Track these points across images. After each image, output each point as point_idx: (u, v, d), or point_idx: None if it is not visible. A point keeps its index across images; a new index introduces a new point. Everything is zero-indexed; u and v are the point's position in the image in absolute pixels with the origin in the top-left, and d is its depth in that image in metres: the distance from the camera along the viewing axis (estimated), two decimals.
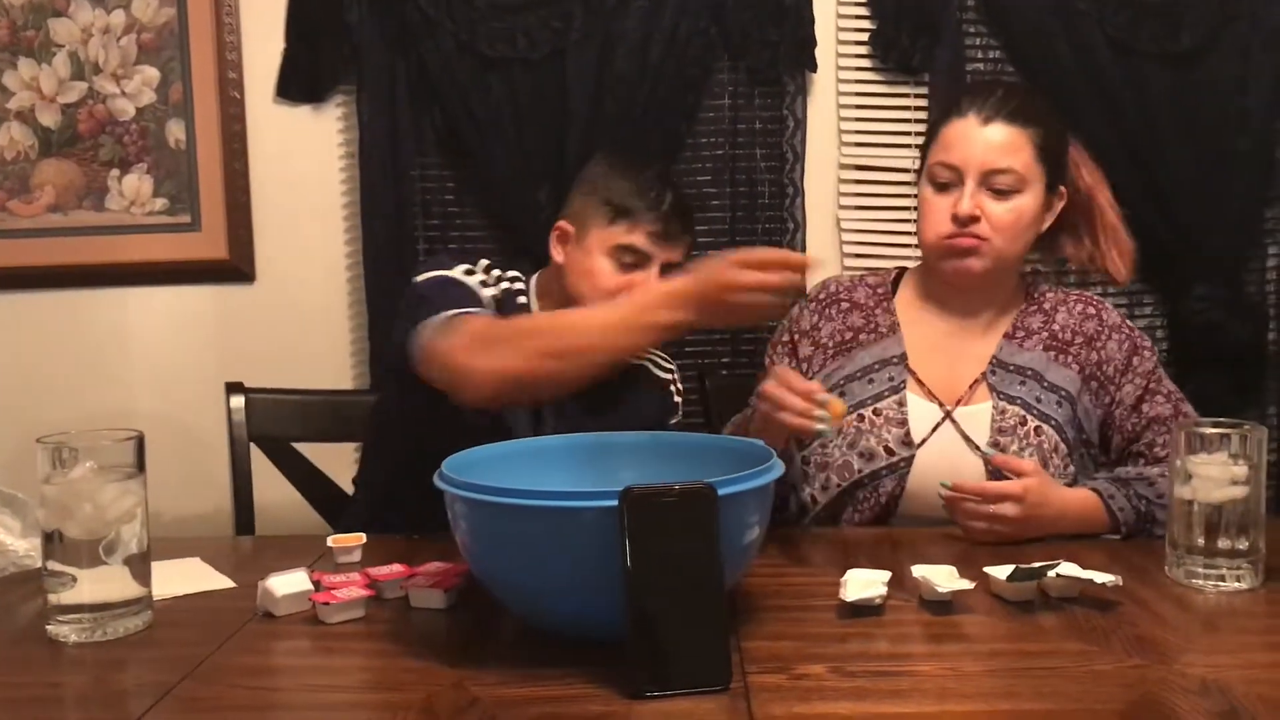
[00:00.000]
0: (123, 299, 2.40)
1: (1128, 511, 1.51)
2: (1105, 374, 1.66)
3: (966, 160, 1.60)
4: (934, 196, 1.63)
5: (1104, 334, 1.68)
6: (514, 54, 2.32)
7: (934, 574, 1.24)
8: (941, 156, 1.62)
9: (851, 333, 1.72)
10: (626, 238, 1.71)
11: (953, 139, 1.62)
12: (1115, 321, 1.70)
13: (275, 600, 1.23)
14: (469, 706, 0.99)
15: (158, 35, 2.34)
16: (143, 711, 1.00)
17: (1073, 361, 1.65)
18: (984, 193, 1.60)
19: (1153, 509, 1.51)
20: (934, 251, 1.65)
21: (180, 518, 1.72)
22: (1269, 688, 1.00)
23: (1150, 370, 1.67)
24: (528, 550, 1.08)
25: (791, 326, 1.78)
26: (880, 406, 1.63)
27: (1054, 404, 1.62)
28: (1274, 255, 2.54)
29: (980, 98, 1.63)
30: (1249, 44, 2.41)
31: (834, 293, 1.78)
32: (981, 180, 1.59)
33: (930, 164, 1.65)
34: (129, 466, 1.20)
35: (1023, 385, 1.63)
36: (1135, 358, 1.66)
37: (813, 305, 1.77)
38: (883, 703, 0.99)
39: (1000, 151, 1.59)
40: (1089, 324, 1.68)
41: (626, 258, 1.71)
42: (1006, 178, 1.59)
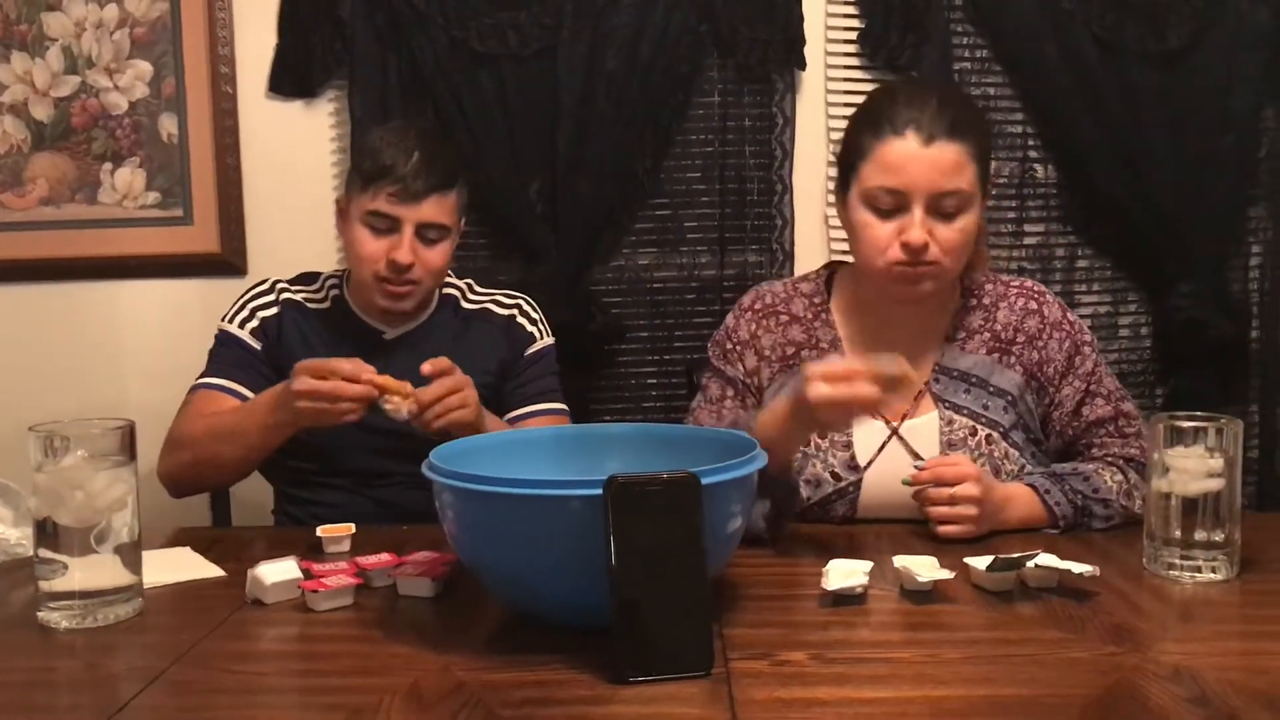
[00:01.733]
0: (115, 292, 2.41)
1: (1064, 505, 1.49)
2: (1046, 374, 1.61)
3: (913, 185, 1.49)
4: (876, 221, 1.52)
5: (1045, 331, 1.62)
6: (505, 50, 2.34)
7: (915, 564, 1.25)
8: (882, 180, 1.51)
9: (793, 348, 1.64)
10: (372, 204, 1.75)
11: (894, 161, 1.50)
12: (1056, 317, 1.63)
13: (265, 588, 1.24)
14: (455, 691, 1.01)
15: (150, 29, 2.35)
16: (133, 695, 1.01)
17: (1016, 363, 1.60)
18: (930, 216, 1.50)
19: (1089, 503, 1.50)
20: (881, 277, 1.55)
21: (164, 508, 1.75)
22: (1240, 674, 1.02)
23: (1090, 370, 1.61)
24: (514, 538, 1.09)
25: (728, 336, 1.68)
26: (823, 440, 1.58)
27: (1000, 409, 1.58)
28: (1257, 253, 2.57)
29: (916, 111, 1.50)
30: (1233, 44, 2.44)
31: (770, 304, 1.68)
32: (929, 205, 1.50)
33: (869, 187, 1.52)
34: (120, 455, 1.21)
35: (968, 393, 1.59)
36: (1077, 357, 1.61)
37: (748, 315, 1.67)
38: (862, 688, 1.01)
39: (948, 174, 1.49)
40: (1030, 320, 1.62)
41: (379, 224, 1.76)
42: (954, 200, 1.50)
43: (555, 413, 1.88)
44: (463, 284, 1.95)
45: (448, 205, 1.78)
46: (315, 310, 1.87)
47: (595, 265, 2.44)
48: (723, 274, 2.48)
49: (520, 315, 1.92)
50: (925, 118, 1.50)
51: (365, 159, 1.78)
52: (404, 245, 1.74)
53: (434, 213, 1.76)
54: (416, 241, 1.76)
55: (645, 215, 2.47)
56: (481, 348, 1.87)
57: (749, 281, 2.47)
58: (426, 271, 1.78)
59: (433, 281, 1.83)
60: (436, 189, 1.75)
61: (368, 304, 1.85)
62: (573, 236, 2.37)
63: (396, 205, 1.74)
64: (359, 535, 1.45)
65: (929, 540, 1.45)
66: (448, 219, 1.79)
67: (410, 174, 1.73)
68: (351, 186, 1.80)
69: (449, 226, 1.79)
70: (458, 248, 2.35)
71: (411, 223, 1.75)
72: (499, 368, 1.87)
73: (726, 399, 1.65)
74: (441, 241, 1.79)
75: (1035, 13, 2.40)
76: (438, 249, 1.79)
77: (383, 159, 1.75)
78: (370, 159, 1.77)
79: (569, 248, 2.37)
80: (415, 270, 1.77)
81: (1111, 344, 2.56)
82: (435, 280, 1.84)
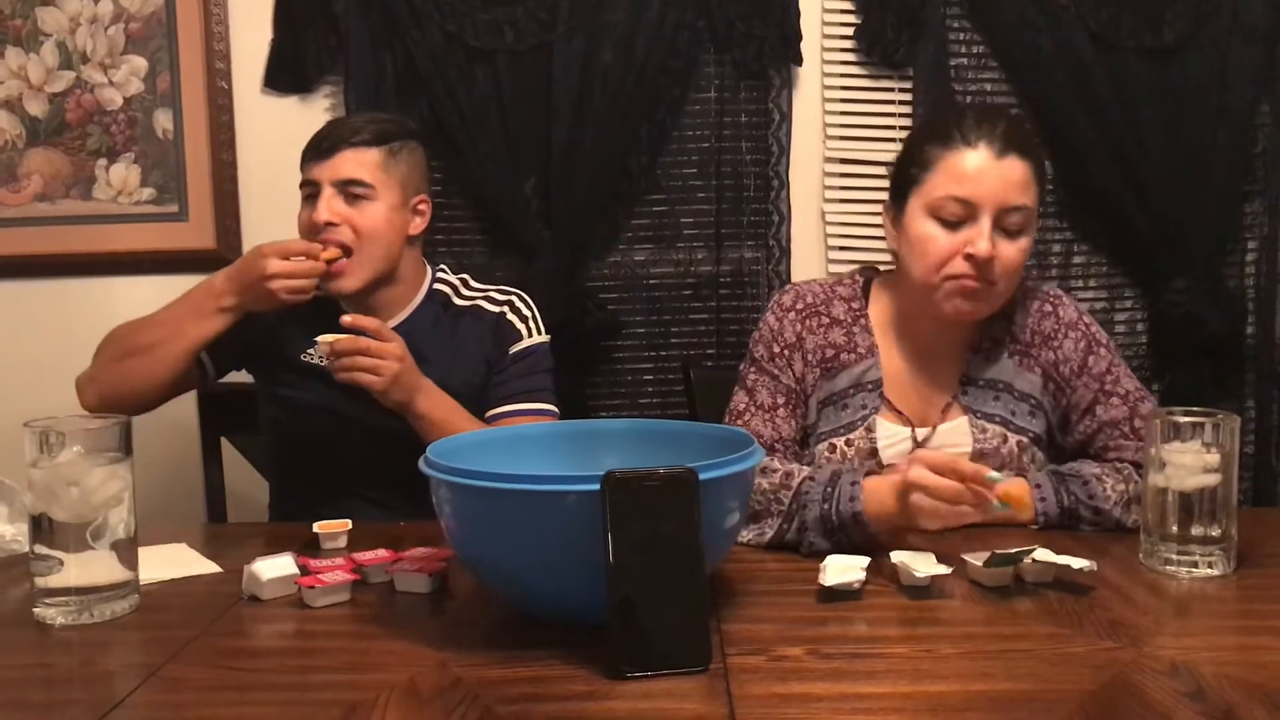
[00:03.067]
0: (109, 288, 2.40)
1: (1050, 504, 1.47)
2: (1061, 374, 1.60)
3: (984, 197, 1.49)
4: (941, 233, 1.51)
5: (1060, 332, 1.61)
6: (501, 46, 2.33)
7: (912, 560, 1.25)
8: (952, 190, 1.50)
9: (833, 350, 1.63)
10: (301, 178, 1.80)
11: (966, 171, 1.50)
12: (1072, 318, 1.62)
13: (261, 584, 1.24)
14: (452, 687, 1.01)
15: (145, 25, 2.35)
16: (129, 691, 1.01)
17: (1035, 365, 1.60)
18: (994, 231, 1.50)
19: (1079, 507, 1.47)
20: (938, 290, 1.53)
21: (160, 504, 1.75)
22: (1237, 669, 1.02)
23: (1105, 370, 1.59)
24: (511, 534, 1.09)
25: (774, 338, 1.65)
26: (852, 437, 1.59)
27: (1027, 415, 1.59)
28: (1253, 249, 2.57)
29: (987, 127, 1.51)
30: (1228, 39, 2.44)
31: (811, 304, 1.66)
32: (997, 219, 1.49)
33: (936, 196, 1.51)
34: (116, 451, 1.21)
35: (996, 400, 1.59)
36: (1091, 356, 1.60)
37: (791, 315, 1.65)
38: (859, 683, 1.01)
39: (1017, 188, 1.50)
40: (1046, 322, 1.62)
41: (308, 191, 1.79)
42: (1019, 216, 1.50)
43: (539, 413, 1.82)
44: (456, 280, 1.92)
45: (368, 161, 1.76)
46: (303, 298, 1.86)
47: (591, 261, 2.44)
48: (719, 270, 2.47)
49: (510, 312, 1.88)
50: (997, 133, 1.51)
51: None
52: (321, 203, 1.75)
53: (350, 168, 1.75)
54: (339, 201, 1.75)
55: (641, 211, 2.46)
56: (469, 346, 1.84)
57: (745, 277, 2.47)
58: (356, 233, 1.75)
59: (369, 251, 1.77)
60: (353, 144, 1.76)
61: (354, 301, 1.83)
62: (568, 232, 2.37)
63: (313, 166, 1.77)
64: (355, 531, 1.45)
65: (926, 536, 1.45)
66: (368, 175, 1.76)
67: (327, 134, 1.78)
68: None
69: (371, 184, 1.76)
70: (453, 244, 2.40)
71: (328, 180, 1.75)
72: (486, 365, 1.85)
73: (779, 408, 1.62)
74: (368, 201, 1.76)
75: (1031, 9, 2.40)
76: (367, 210, 1.76)
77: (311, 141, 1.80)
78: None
79: (565, 243, 2.37)
80: (342, 230, 1.74)
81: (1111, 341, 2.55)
82: (373, 250, 1.77)
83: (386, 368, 1.63)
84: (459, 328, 1.86)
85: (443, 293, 1.89)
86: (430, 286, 1.89)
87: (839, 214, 2.49)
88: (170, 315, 1.75)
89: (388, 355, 1.63)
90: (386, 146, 1.78)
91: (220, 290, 1.73)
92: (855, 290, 1.69)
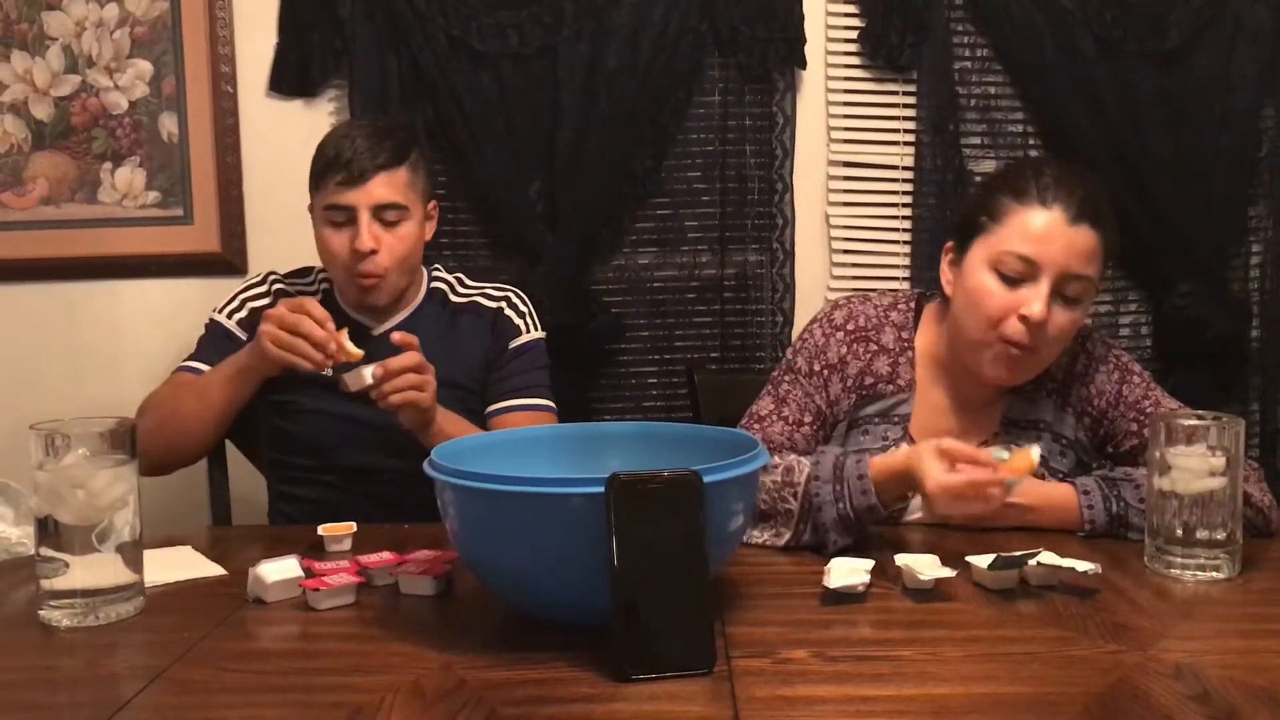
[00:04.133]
0: (115, 292, 2.41)
1: (1098, 511, 1.45)
2: (1097, 408, 1.60)
3: (1050, 260, 1.47)
4: (999, 289, 1.49)
5: (1092, 367, 1.61)
6: (505, 50, 2.33)
7: (916, 562, 1.25)
8: (1019, 247, 1.48)
9: (874, 380, 1.61)
10: (327, 199, 1.78)
11: (1036, 231, 1.48)
12: (1101, 352, 1.63)
13: (266, 586, 1.25)
14: (456, 689, 1.01)
15: (151, 29, 2.35)
16: (134, 694, 1.01)
17: (1068, 405, 1.61)
18: (1054, 298, 1.48)
19: (1128, 512, 1.45)
20: (984, 346, 1.52)
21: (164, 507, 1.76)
22: (1242, 672, 1.02)
23: (1142, 396, 1.60)
24: (516, 536, 1.09)
25: (817, 355, 1.63)
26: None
27: (1059, 455, 1.59)
28: (1257, 252, 2.56)
29: (1065, 190, 1.49)
30: (1233, 43, 2.43)
31: (862, 326, 1.63)
32: (1057, 284, 1.48)
33: (1001, 250, 1.49)
34: (121, 454, 1.21)
35: (1038, 440, 1.57)
36: (1124, 386, 1.60)
37: (840, 334, 1.63)
38: (864, 686, 1.01)
39: (1084, 258, 1.48)
40: (1078, 361, 1.62)
41: (337, 217, 1.78)
42: (1079, 285, 1.49)
43: (539, 409, 1.87)
44: (452, 278, 1.96)
45: (398, 182, 1.79)
46: None
47: (595, 264, 2.44)
48: (723, 273, 2.47)
49: (508, 308, 1.92)
50: (1074, 198, 1.49)
51: (315, 159, 1.81)
52: (362, 231, 1.76)
53: (385, 192, 1.77)
54: (376, 226, 1.77)
55: (645, 214, 2.47)
56: (468, 341, 1.88)
57: (749, 281, 2.47)
58: (392, 256, 1.79)
59: (403, 268, 1.82)
60: (382, 167, 1.77)
61: (350, 299, 1.86)
62: (573, 236, 2.37)
63: (345, 191, 1.76)
64: (360, 534, 1.45)
65: (931, 539, 1.45)
66: (401, 197, 1.79)
67: (353, 158, 1.76)
68: (310, 191, 1.83)
69: (405, 205, 1.79)
70: (457, 246, 2.40)
71: (365, 207, 1.76)
72: (484, 361, 1.87)
73: (804, 425, 1.61)
74: (403, 223, 1.79)
75: (1035, 12, 2.39)
76: (400, 231, 1.79)
77: (327, 153, 1.79)
78: (318, 157, 1.80)
79: (569, 247, 2.37)
80: (381, 256, 1.78)
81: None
82: (406, 266, 1.83)
83: (430, 384, 1.64)
84: (458, 323, 1.89)
85: (440, 290, 1.93)
86: (429, 285, 1.92)
87: (843, 217, 2.49)
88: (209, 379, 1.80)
89: (428, 370, 1.64)
90: (408, 162, 1.81)
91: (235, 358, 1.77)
92: (908, 318, 1.66)
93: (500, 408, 1.85)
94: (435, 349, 1.76)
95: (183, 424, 1.76)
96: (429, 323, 1.88)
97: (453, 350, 1.84)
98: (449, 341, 1.85)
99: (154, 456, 1.72)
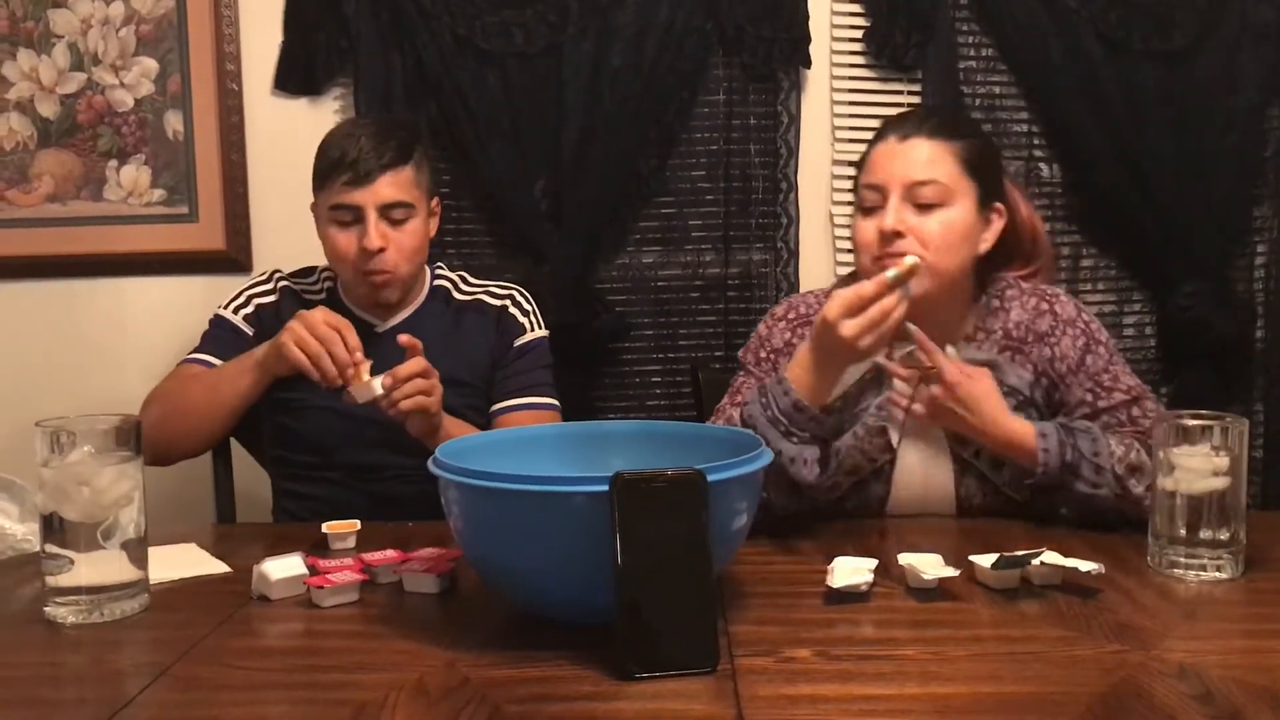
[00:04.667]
0: (120, 289, 2.41)
1: (1052, 454, 1.47)
2: (1058, 371, 1.61)
3: (889, 177, 1.56)
4: (863, 222, 1.59)
5: (1058, 328, 1.62)
6: (510, 48, 2.34)
7: (920, 562, 1.25)
8: (866, 179, 1.60)
9: None
10: (333, 199, 1.78)
11: (875, 160, 1.59)
12: (1070, 315, 1.64)
13: (270, 584, 1.25)
14: (460, 687, 1.01)
15: (156, 27, 2.35)
16: (139, 690, 1.02)
17: (1027, 361, 1.61)
18: (909, 208, 1.55)
19: (1080, 463, 1.47)
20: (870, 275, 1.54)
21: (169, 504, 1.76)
22: (1245, 672, 1.02)
23: (1104, 368, 1.61)
24: (519, 534, 1.10)
25: (762, 344, 1.71)
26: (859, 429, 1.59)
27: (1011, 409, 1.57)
28: (1261, 253, 2.56)
29: (899, 120, 1.62)
30: (1238, 43, 2.43)
31: (802, 313, 1.71)
32: (905, 195, 1.55)
33: (858, 191, 1.62)
34: (126, 451, 1.21)
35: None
36: (1089, 355, 1.61)
37: (782, 323, 1.71)
38: (867, 685, 1.01)
39: (920, 165, 1.56)
40: (1043, 320, 1.63)
41: (343, 216, 1.79)
42: (930, 189, 1.55)
43: (544, 408, 1.88)
44: (455, 276, 1.96)
45: (404, 181, 1.79)
46: (310, 301, 1.89)
47: (600, 263, 2.44)
48: (727, 272, 2.48)
49: (512, 305, 1.93)
50: (907, 124, 1.60)
51: (319, 159, 1.81)
52: (370, 230, 1.76)
53: (391, 191, 1.78)
54: (384, 224, 1.78)
55: (650, 213, 2.47)
56: (473, 339, 1.89)
57: (754, 280, 2.47)
58: (400, 254, 1.80)
59: (411, 265, 1.83)
60: (387, 166, 1.77)
61: (358, 297, 1.87)
62: (577, 234, 2.37)
63: (352, 191, 1.77)
64: (364, 532, 1.45)
65: (934, 539, 1.45)
66: (407, 195, 1.80)
67: (358, 158, 1.76)
68: (314, 190, 1.83)
69: (411, 204, 1.80)
70: (462, 245, 2.41)
71: (372, 206, 1.77)
72: (489, 359, 1.88)
73: None
74: (409, 221, 1.80)
75: (1040, 11, 2.39)
76: (406, 228, 1.80)
77: (332, 153, 1.79)
78: (322, 157, 1.81)
79: (573, 245, 2.37)
80: (389, 254, 1.78)
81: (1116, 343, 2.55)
82: (413, 263, 1.84)
83: (437, 388, 1.65)
84: (463, 322, 1.89)
85: (443, 288, 1.94)
86: (432, 284, 1.93)
87: (847, 216, 2.48)
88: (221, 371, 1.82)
89: (434, 374, 1.65)
90: (413, 161, 1.82)
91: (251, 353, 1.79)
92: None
93: (505, 406, 1.86)
94: (439, 347, 1.76)
95: (190, 416, 1.77)
96: (433, 320, 1.88)
97: (457, 348, 1.84)
98: (453, 339, 1.86)
99: (159, 447, 1.73)
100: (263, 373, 1.76)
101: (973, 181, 1.58)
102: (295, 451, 1.85)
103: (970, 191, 1.57)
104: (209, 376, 1.80)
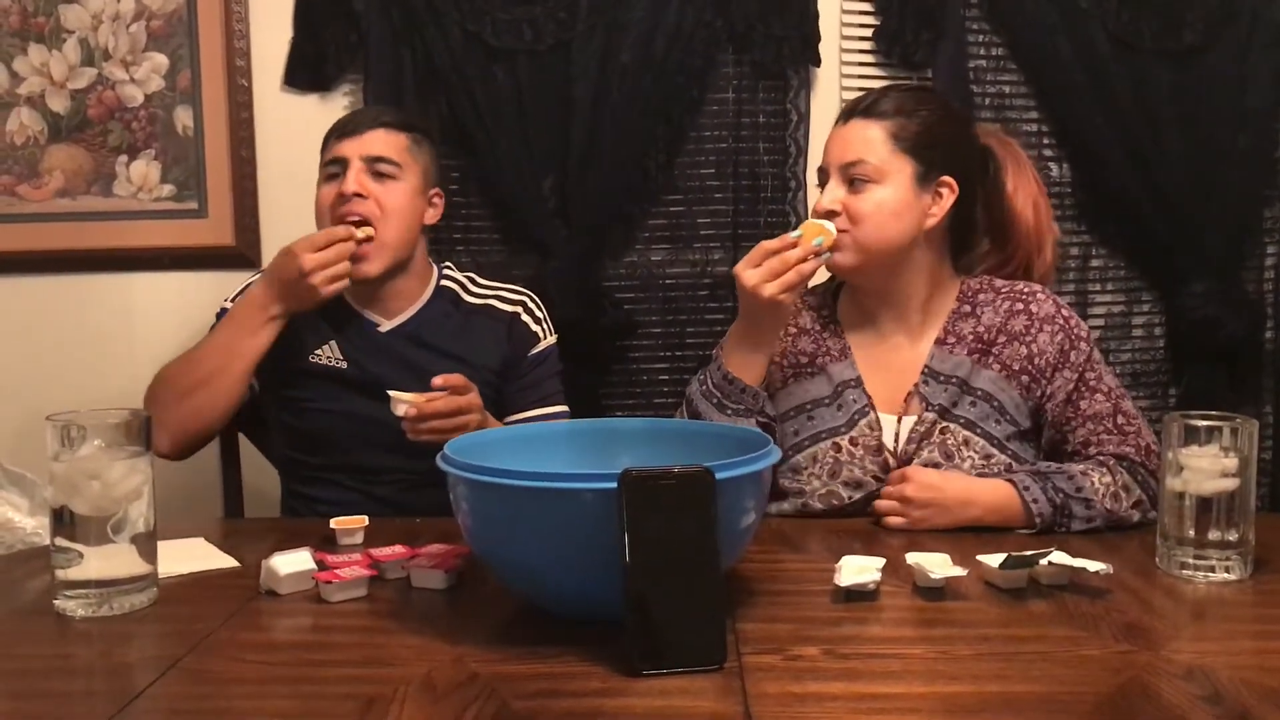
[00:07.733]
0: (129, 284, 2.42)
1: (1043, 504, 1.48)
2: (1036, 367, 1.61)
3: (830, 159, 1.64)
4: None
5: (1034, 326, 1.63)
6: (520, 45, 2.34)
7: (927, 561, 1.25)
8: (820, 164, 1.67)
9: (806, 358, 1.69)
10: (326, 157, 1.82)
11: (826, 144, 1.67)
12: (1048, 313, 1.64)
13: (279, 579, 1.25)
14: (468, 682, 1.01)
15: (167, 22, 2.36)
16: (148, 683, 1.02)
17: (994, 362, 1.62)
18: (844, 187, 1.61)
19: (1069, 502, 1.48)
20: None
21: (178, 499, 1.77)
22: (1254, 673, 1.02)
23: (1085, 364, 1.61)
24: (528, 531, 1.10)
25: None
26: (855, 435, 1.61)
27: (968, 405, 1.61)
28: (1272, 254, 2.56)
29: (849, 104, 1.67)
30: (1249, 42, 2.43)
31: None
32: (842, 175, 1.62)
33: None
34: (136, 445, 1.22)
35: (945, 393, 1.62)
36: (1072, 351, 1.61)
37: None
38: (874, 683, 1.01)
39: (853, 146, 1.61)
40: (1016, 321, 1.63)
41: (333, 169, 1.81)
42: (860, 168, 1.60)
43: (555, 416, 1.88)
44: (463, 277, 1.95)
45: (395, 143, 1.81)
46: None
47: (608, 260, 2.44)
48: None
49: (525, 313, 1.91)
50: (852, 108, 1.66)
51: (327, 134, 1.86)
52: (350, 175, 1.77)
53: (380, 147, 1.79)
54: (366, 177, 1.78)
55: (658, 211, 2.47)
56: (485, 344, 1.87)
57: None
58: (380, 208, 1.77)
59: (393, 230, 1.79)
60: (382, 125, 1.80)
61: (362, 295, 1.85)
62: (585, 231, 2.37)
63: (341, 143, 1.79)
64: (372, 527, 1.46)
65: (942, 539, 1.45)
66: (396, 155, 1.80)
67: (354, 116, 1.82)
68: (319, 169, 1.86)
69: (399, 163, 1.80)
70: (470, 241, 2.41)
71: (356, 155, 1.78)
72: (501, 365, 1.87)
73: None
74: (395, 180, 1.79)
75: (1050, 10, 2.39)
76: (392, 188, 1.79)
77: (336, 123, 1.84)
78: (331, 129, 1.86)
79: (582, 243, 2.37)
80: (369, 204, 1.77)
81: (1125, 343, 2.55)
82: (395, 229, 1.79)
83: (472, 422, 1.62)
84: (472, 324, 1.88)
85: (451, 289, 1.92)
86: (438, 283, 1.91)
87: None
88: (220, 341, 1.77)
89: (472, 408, 1.63)
90: (412, 134, 1.84)
91: (263, 301, 1.75)
92: (825, 298, 1.76)
93: (522, 417, 1.86)
94: (448, 347, 1.76)
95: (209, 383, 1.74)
96: (439, 321, 1.87)
97: (468, 350, 1.84)
98: (463, 342, 1.85)
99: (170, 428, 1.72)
100: (283, 322, 1.75)
101: (909, 158, 1.61)
102: (302, 452, 1.85)
103: (905, 168, 1.61)
104: (218, 341, 1.77)
